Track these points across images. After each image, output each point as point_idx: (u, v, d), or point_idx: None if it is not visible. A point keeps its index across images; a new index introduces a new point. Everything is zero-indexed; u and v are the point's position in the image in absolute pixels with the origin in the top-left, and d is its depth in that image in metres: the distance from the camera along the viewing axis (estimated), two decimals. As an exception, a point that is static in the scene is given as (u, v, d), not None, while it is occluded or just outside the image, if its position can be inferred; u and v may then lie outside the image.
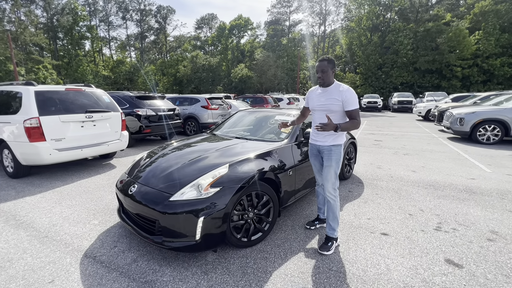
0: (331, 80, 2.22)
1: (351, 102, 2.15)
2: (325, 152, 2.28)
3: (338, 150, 2.27)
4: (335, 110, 2.19)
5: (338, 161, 2.27)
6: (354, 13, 31.50)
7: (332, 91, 2.20)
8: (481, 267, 2.00)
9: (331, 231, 2.29)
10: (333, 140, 2.27)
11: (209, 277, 1.92)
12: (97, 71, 36.27)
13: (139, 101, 7.14)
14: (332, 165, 2.25)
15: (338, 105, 2.17)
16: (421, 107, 13.89)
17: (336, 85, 2.22)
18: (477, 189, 3.63)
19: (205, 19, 48.91)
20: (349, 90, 2.17)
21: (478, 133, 6.86)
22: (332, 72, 2.19)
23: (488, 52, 22.76)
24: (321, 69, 2.18)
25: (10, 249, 2.28)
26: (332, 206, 2.29)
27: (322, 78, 2.19)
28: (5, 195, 3.56)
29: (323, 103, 2.23)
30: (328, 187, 2.27)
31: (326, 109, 2.21)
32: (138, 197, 2.20)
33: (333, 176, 2.25)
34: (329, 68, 2.16)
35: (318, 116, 2.30)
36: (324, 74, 2.18)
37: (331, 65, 2.17)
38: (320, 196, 2.60)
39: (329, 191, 2.28)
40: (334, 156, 2.25)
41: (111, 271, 1.99)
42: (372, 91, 26.98)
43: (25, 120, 3.89)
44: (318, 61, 2.22)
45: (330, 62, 2.17)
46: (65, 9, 33.16)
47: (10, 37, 17.68)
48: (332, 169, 2.25)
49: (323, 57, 2.20)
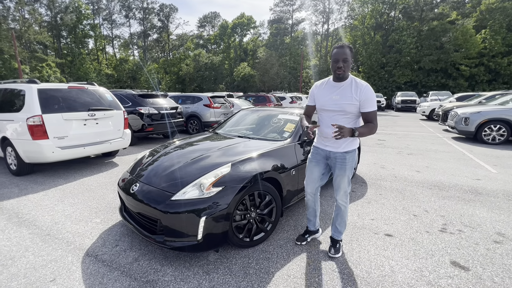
0: (348, 72, 1.86)
1: (372, 102, 1.80)
2: (338, 159, 1.98)
3: (353, 157, 1.99)
4: (350, 111, 1.84)
5: (352, 167, 2.01)
6: (358, 11, 31.27)
7: (347, 87, 1.84)
8: (488, 270, 1.96)
9: (338, 234, 2.16)
10: (347, 145, 1.95)
11: (211, 277, 1.90)
12: (100, 70, 36.44)
13: (141, 100, 7.14)
14: (346, 174, 1.99)
15: (355, 106, 1.82)
16: (425, 107, 13.77)
17: (352, 80, 1.85)
18: (482, 190, 3.58)
19: (208, 17, 48.87)
20: (369, 88, 1.81)
21: (484, 133, 6.77)
22: (351, 62, 1.83)
23: (495, 50, 22.50)
24: (343, 58, 1.78)
25: (12, 247, 2.28)
26: (343, 212, 2.11)
27: (343, 69, 1.80)
28: (8, 193, 3.57)
29: (336, 102, 1.86)
30: (341, 195, 2.05)
31: (339, 109, 1.86)
32: (139, 196, 2.18)
33: (346, 184, 2.02)
34: (350, 56, 1.79)
35: (327, 117, 1.94)
36: (346, 64, 1.79)
37: (352, 54, 1.81)
38: (311, 209, 2.28)
39: (341, 199, 2.06)
40: (348, 164, 1.97)
41: (113, 270, 1.98)
42: (375, 90, 26.49)
43: (28, 118, 3.90)
44: (337, 47, 1.82)
45: (351, 50, 1.81)
46: (69, 8, 33.31)
47: (15, 35, 17.79)
48: (346, 178, 2.00)
49: (343, 43, 1.82)
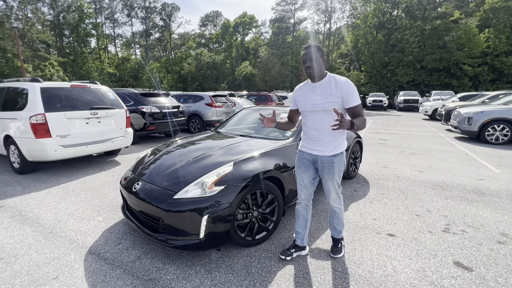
0: (322, 72, 1.81)
1: (355, 97, 1.76)
2: (326, 164, 1.90)
3: (341, 159, 1.92)
4: (331, 110, 1.74)
5: (341, 170, 1.94)
6: (360, 10, 31.12)
7: (326, 85, 1.79)
8: (492, 270, 1.95)
9: (337, 233, 2.13)
10: (334, 148, 1.87)
11: (213, 276, 1.90)
12: (102, 69, 36.53)
13: (143, 98, 7.15)
14: (335, 178, 1.92)
15: (337, 103, 1.76)
16: (427, 106, 13.69)
17: (330, 77, 1.81)
18: (486, 190, 3.56)
19: (210, 16, 48.83)
20: (349, 82, 1.77)
21: (487, 133, 6.73)
22: (323, 61, 1.79)
23: (499, 50, 22.30)
24: (309, 57, 1.76)
25: (16, 245, 2.30)
26: (338, 214, 2.07)
27: (312, 67, 1.76)
28: (11, 191, 3.59)
29: (318, 103, 1.80)
30: (333, 198, 2.00)
31: (322, 109, 1.80)
32: (142, 195, 2.18)
33: (336, 186, 1.97)
34: (319, 55, 1.76)
35: (312, 118, 1.88)
36: (315, 63, 1.76)
37: (321, 53, 1.77)
38: (301, 218, 2.12)
39: (334, 202, 2.01)
40: (337, 168, 1.90)
41: (115, 268, 1.99)
42: (377, 89, 26.70)
43: (31, 117, 3.92)
44: (304, 49, 1.82)
45: (320, 49, 1.78)
46: (71, 7, 33.37)
47: (18, 34, 17.87)
48: (335, 182, 1.94)
49: (309, 44, 1.81)
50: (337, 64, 33.80)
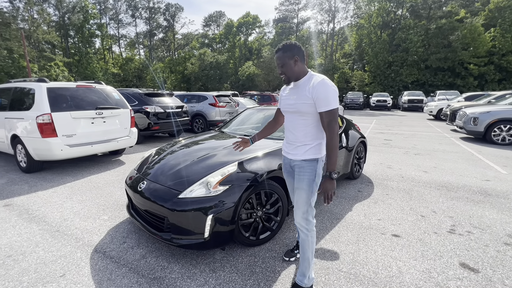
0: (298, 73, 1.63)
1: (326, 101, 1.51)
2: (296, 169, 1.70)
3: (313, 167, 1.65)
4: (305, 112, 1.61)
5: (311, 183, 1.64)
6: (364, 9, 30.94)
7: (303, 85, 1.62)
8: (498, 272, 1.93)
9: (301, 277, 1.72)
10: (305, 152, 1.66)
11: (217, 275, 1.91)
12: (107, 69, 36.83)
13: (148, 98, 7.20)
14: (303, 187, 1.65)
15: (309, 105, 1.58)
16: (432, 106, 13.57)
17: (308, 76, 1.64)
18: (492, 191, 3.52)
19: (213, 16, 48.94)
20: (323, 83, 1.54)
21: (493, 133, 6.64)
22: (294, 61, 1.60)
23: (505, 49, 22.00)
24: (278, 63, 1.64)
25: (23, 242, 2.33)
26: (303, 241, 1.71)
27: (284, 72, 1.64)
28: (18, 189, 3.64)
29: (292, 103, 1.67)
30: (298, 216, 1.70)
31: (295, 110, 1.65)
32: (147, 194, 2.20)
33: (304, 203, 1.66)
34: (286, 58, 1.60)
35: (288, 120, 1.75)
36: (284, 68, 1.62)
37: (289, 54, 1.59)
38: None
39: (298, 222, 1.70)
40: (305, 175, 1.65)
41: (121, 266, 2.00)
42: (381, 89, 26.52)
43: (38, 116, 3.97)
44: (275, 52, 1.66)
45: (287, 50, 1.60)
46: (76, 7, 33.69)
47: (24, 35, 18.09)
48: (304, 193, 1.65)
49: (279, 46, 1.65)
50: (341, 64, 33.67)
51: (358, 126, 4.34)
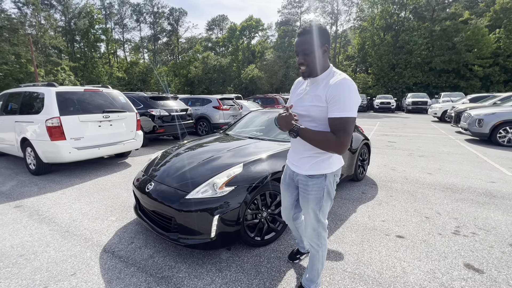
0: (323, 66, 1.32)
1: (340, 105, 1.22)
2: (301, 185, 1.47)
3: (319, 185, 1.40)
4: (315, 117, 1.32)
5: (319, 199, 1.42)
6: (367, 12, 30.99)
7: (320, 83, 1.32)
8: (503, 273, 1.93)
9: (308, 283, 1.66)
10: (311, 166, 1.39)
11: (223, 274, 1.94)
12: (112, 73, 37.33)
13: (153, 102, 7.30)
14: (310, 206, 1.45)
15: (321, 109, 1.29)
16: (436, 108, 13.50)
17: (329, 72, 1.33)
18: (497, 193, 3.50)
19: (216, 20, 49.42)
20: (343, 83, 1.23)
21: (498, 135, 6.60)
22: (323, 51, 1.29)
23: (510, 50, 21.83)
24: (302, 49, 1.29)
25: (35, 243, 2.39)
26: (313, 256, 1.58)
27: (307, 63, 1.30)
28: (28, 191, 3.73)
29: (304, 103, 1.37)
30: (308, 233, 1.53)
31: (305, 112, 1.36)
32: (154, 195, 2.25)
33: (313, 219, 1.47)
34: (315, 44, 1.26)
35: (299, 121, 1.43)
36: (310, 57, 1.29)
37: (321, 40, 1.26)
38: (294, 233, 1.96)
39: (310, 238, 1.54)
40: (312, 194, 1.42)
41: (129, 266, 2.05)
42: (385, 91, 26.45)
43: (47, 120, 4.07)
44: (297, 35, 1.32)
45: (318, 35, 1.25)
46: (82, 13, 34.30)
47: (31, 40, 18.47)
48: (311, 212, 1.46)
49: (304, 27, 1.29)
50: (344, 67, 33.70)
51: (361, 128, 4.36)
